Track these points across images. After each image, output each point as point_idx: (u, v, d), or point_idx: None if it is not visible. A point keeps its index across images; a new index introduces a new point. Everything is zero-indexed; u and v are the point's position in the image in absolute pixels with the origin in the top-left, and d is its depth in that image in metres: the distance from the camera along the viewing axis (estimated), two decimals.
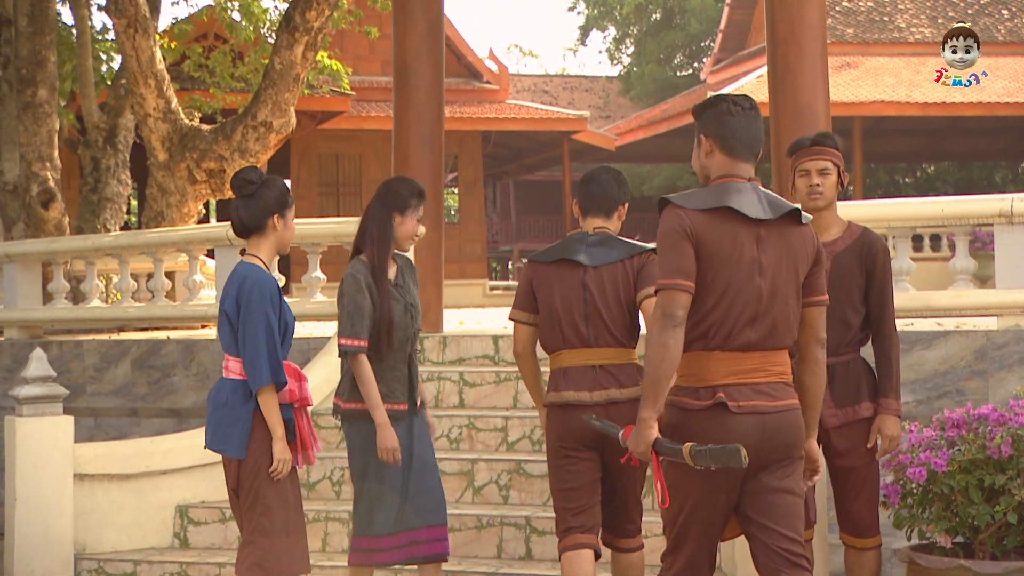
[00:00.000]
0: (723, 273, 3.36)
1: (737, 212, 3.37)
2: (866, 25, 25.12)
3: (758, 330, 3.38)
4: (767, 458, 3.37)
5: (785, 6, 6.65)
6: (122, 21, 9.65)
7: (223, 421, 4.28)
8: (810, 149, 4.60)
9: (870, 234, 4.64)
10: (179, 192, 10.54)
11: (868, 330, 4.61)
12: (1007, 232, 6.05)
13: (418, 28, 7.19)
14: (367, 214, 4.58)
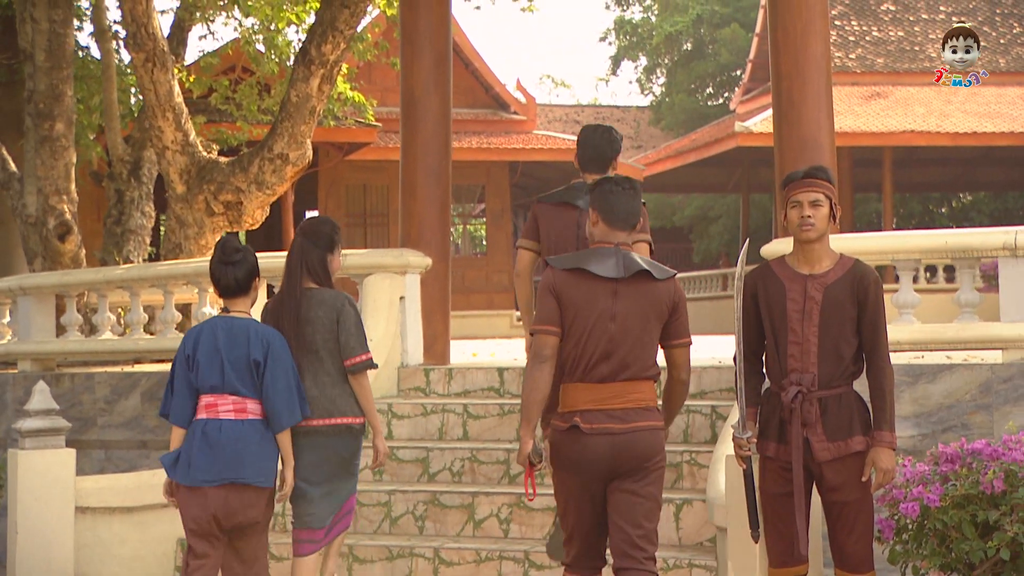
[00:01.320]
0: (579, 319, 4.21)
1: (591, 270, 4.23)
2: (896, 55, 25.07)
3: (611, 365, 4.21)
4: (620, 469, 4.22)
5: (790, 40, 6.68)
6: (140, 55, 9.81)
7: (260, 456, 4.74)
8: (802, 181, 4.62)
9: (862, 266, 4.64)
10: (197, 224, 10.66)
11: (861, 363, 4.60)
12: (1012, 265, 6.03)
13: (425, 61, 7.27)
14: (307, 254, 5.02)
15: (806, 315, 4.51)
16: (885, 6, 26.03)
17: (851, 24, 25.67)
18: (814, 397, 4.46)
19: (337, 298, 4.98)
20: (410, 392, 7.15)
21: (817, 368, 4.48)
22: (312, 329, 4.93)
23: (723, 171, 27.55)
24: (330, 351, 4.94)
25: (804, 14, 6.66)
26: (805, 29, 6.65)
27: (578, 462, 4.22)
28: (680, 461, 6.12)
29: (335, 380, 4.95)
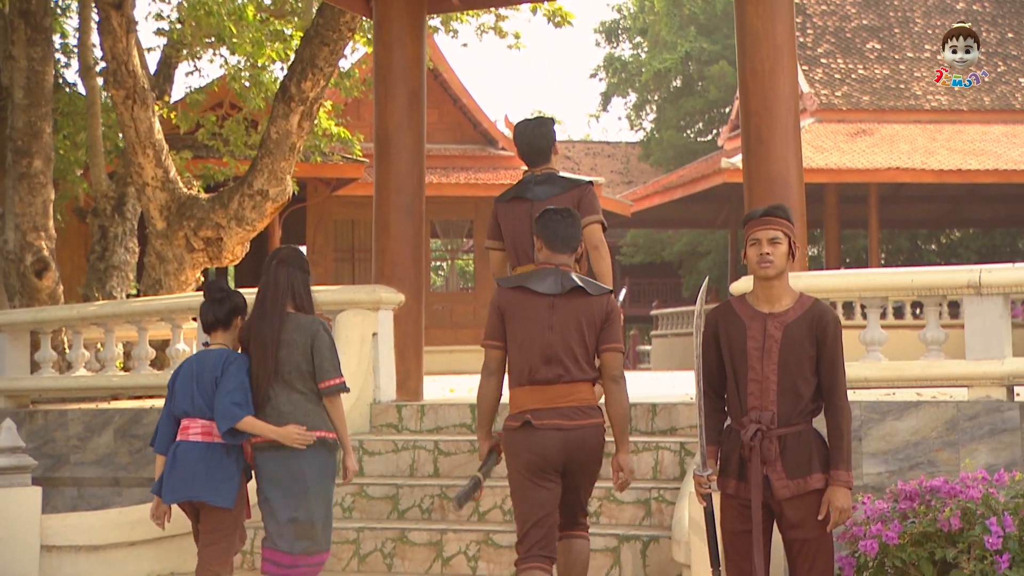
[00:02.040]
0: (522, 330, 4.78)
1: (532, 288, 4.80)
2: (882, 92, 25.26)
3: (552, 370, 4.76)
4: (571, 464, 4.76)
5: (758, 79, 6.75)
6: (121, 92, 9.88)
7: (216, 477, 5.12)
8: (761, 219, 4.66)
9: (820, 305, 4.67)
10: (177, 260, 10.70)
11: (820, 401, 4.62)
12: (976, 303, 6.07)
13: (399, 99, 7.34)
14: (294, 279, 5.21)
15: (766, 353, 4.54)
16: (871, 44, 26.25)
17: (837, 62, 25.88)
18: (773, 435, 4.48)
19: (313, 323, 5.20)
20: (382, 428, 7.16)
21: (776, 406, 4.51)
22: (288, 352, 5.12)
23: (711, 207, 27.65)
24: (303, 373, 5.14)
25: (772, 53, 6.74)
26: (773, 68, 6.72)
27: (532, 456, 4.71)
28: (648, 498, 6.13)
29: (308, 399, 5.15)
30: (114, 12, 9.49)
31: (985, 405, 6.01)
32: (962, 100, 25.10)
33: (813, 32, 26.37)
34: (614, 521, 6.14)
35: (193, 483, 5.10)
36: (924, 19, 26.68)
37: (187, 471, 5.10)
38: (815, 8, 26.83)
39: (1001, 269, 6.09)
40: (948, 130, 24.10)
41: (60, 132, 14.54)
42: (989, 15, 26.64)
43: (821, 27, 26.47)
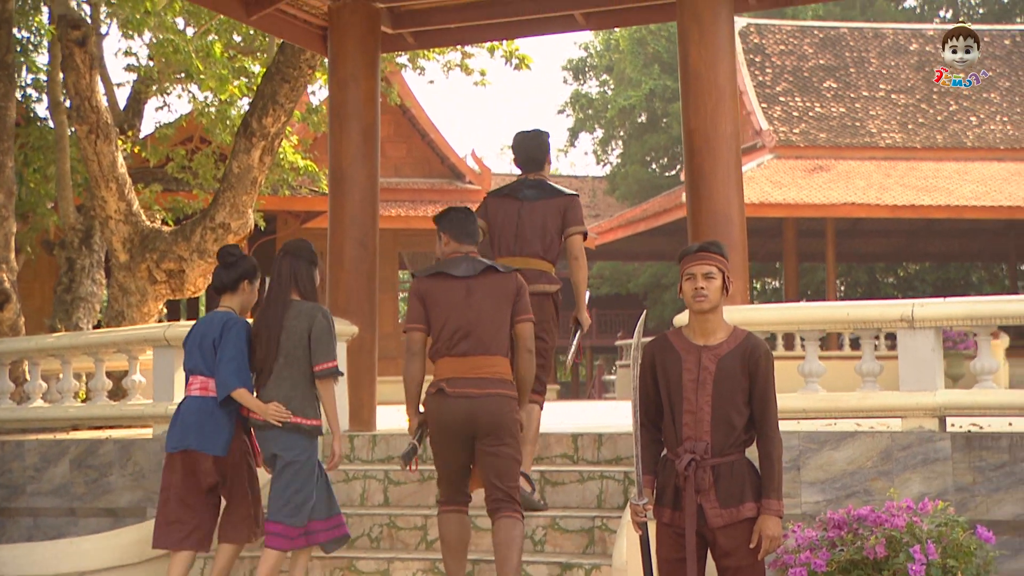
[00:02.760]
0: (442, 310, 5.25)
1: (448, 273, 5.28)
2: (838, 130, 25.55)
3: (469, 343, 5.20)
4: (478, 429, 5.17)
5: (701, 119, 6.82)
6: (84, 127, 9.88)
7: (212, 428, 5.54)
8: (696, 255, 4.71)
9: (753, 338, 4.72)
10: (139, 292, 10.68)
11: (752, 431, 4.66)
12: (909, 336, 6.14)
13: (353, 136, 7.38)
14: (297, 269, 5.56)
15: (700, 385, 4.57)
16: (827, 83, 26.57)
17: (795, 100, 26.17)
18: (707, 465, 4.51)
19: (314, 309, 5.54)
20: None
21: (710, 436, 4.54)
22: (287, 336, 5.45)
23: (674, 240, 27.81)
24: (298, 357, 5.45)
25: (714, 94, 6.82)
26: (715, 109, 6.80)
27: (442, 419, 5.19)
28: (592, 527, 6.15)
29: (295, 383, 5.46)
30: (78, 49, 9.50)
31: (918, 435, 6.08)
32: (915, 138, 25.43)
33: (772, 71, 26.67)
34: (558, 549, 6.15)
35: (188, 434, 5.56)
36: (879, 59, 27.05)
37: (184, 423, 5.59)
38: (774, 48, 27.16)
39: (933, 303, 6.17)
40: (902, 167, 24.40)
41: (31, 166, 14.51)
42: (941, 57, 26.99)
43: (780, 66, 26.78)
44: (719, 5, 6.83)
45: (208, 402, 5.57)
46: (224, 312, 5.64)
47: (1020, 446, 5.90)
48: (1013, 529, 5.85)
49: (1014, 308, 6.06)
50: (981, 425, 6.59)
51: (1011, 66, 26.81)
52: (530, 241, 6.13)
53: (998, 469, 5.92)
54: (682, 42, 6.89)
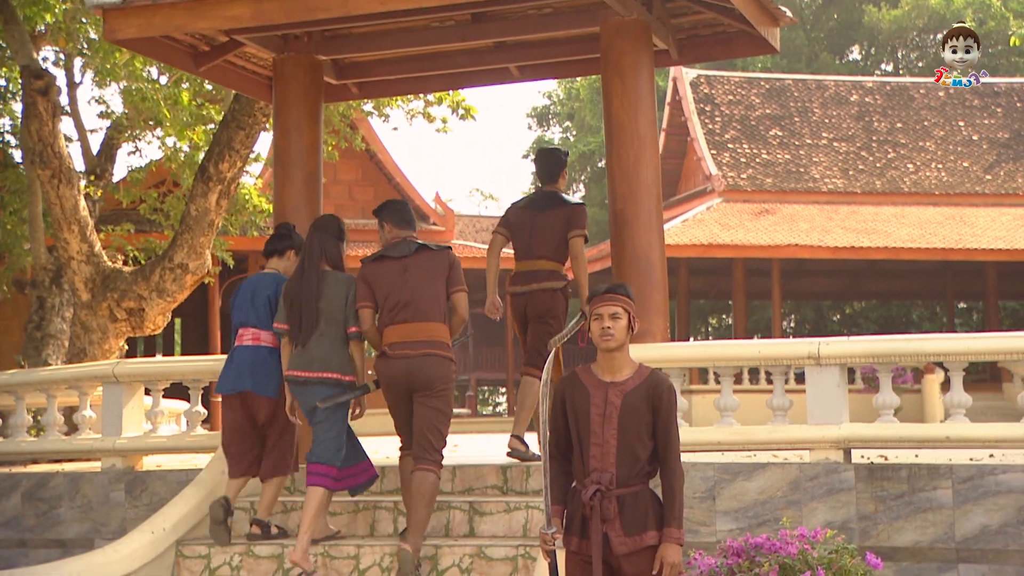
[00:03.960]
0: (383, 287, 5.87)
1: (388, 256, 5.92)
2: (783, 176, 25.84)
3: (408, 312, 5.81)
4: (415, 384, 5.78)
5: (623, 167, 6.89)
6: (47, 172, 9.88)
7: (264, 372, 6.16)
8: (603, 296, 4.77)
9: (657, 375, 4.77)
10: (101, 330, 10.64)
11: (656, 463, 4.71)
12: (816, 373, 6.22)
13: (296, 182, 7.41)
14: (325, 243, 6.10)
15: (606, 419, 4.62)
16: (773, 132, 26.89)
17: (743, 147, 26.46)
18: (612, 495, 4.54)
19: (349, 280, 6.06)
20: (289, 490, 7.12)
21: (615, 468, 4.58)
22: (326, 302, 5.97)
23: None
24: (336, 320, 5.98)
25: (636, 144, 6.89)
26: (637, 158, 6.88)
27: (387, 378, 5.83)
28: (516, 555, 6.15)
29: (333, 343, 5.97)
30: (40, 98, 9.52)
31: (824, 466, 6.14)
32: (856, 183, 25.75)
33: (721, 120, 26.97)
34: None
35: (243, 378, 6.17)
36: (821, 109, 27.41)
37: (239, 369, 6.19)
38: (723, 98, 27.47)
39: (837, 342, 6.26)
40: (843, 210, 24.69)
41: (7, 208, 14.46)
42: (880, 107, 27.42)
43: (728, 115, 27.08)
44: (640, 60, 6.93)
45: (261, 351, 6.20)
46: (274, 273, 6.36)
47: (918, 477, 5.97)
48: (912, 555, 5.92)
49: (910, 347, 6.15)
50: (887, 456, 6.66)
51: (945, 116, 27.23)
52: (541, 245, 6.80)
53: (898, 499, 5.99)
54: (606, 94, 6.98)
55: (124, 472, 7.41)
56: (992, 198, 25.16)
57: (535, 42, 7.75)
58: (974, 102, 27.42)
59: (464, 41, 7.61)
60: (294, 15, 6.55)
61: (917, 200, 25.12)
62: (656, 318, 6.75)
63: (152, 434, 7.49)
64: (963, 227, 23.63)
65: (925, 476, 5.94)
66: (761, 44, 7.52)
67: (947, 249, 22.77)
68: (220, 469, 6.87)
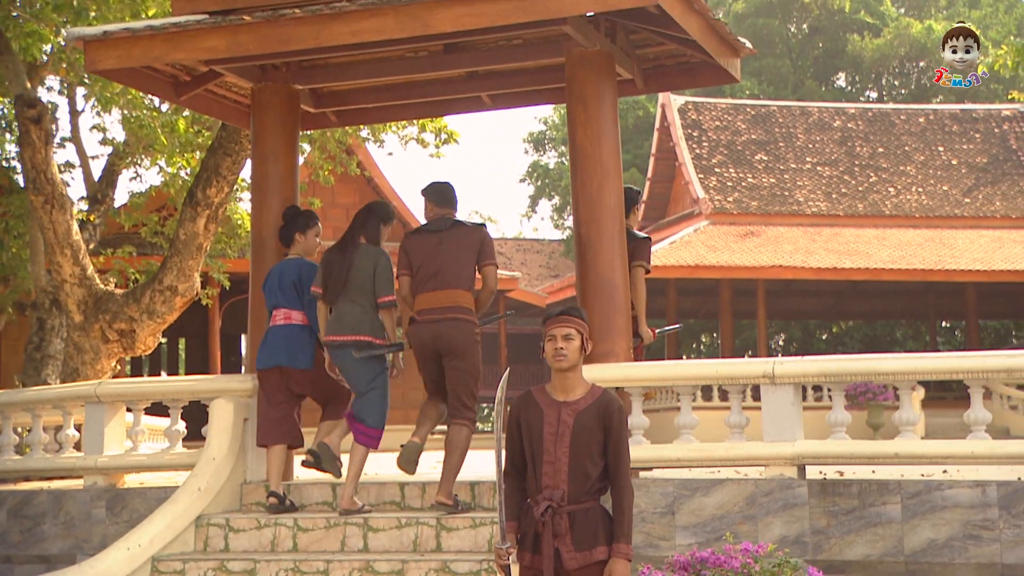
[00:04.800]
0: (418, 256, 6.39)
1: (427, 230, 6.47)
2: (768, 199, 25.88)
3: (435, 282, 6.30)
4: (442, 347, 6.27)
5: (587, 193, 6.90)
6: (40, 198, 9.92)
7: (296, 347, 6.73)
8: (557, 318, 4.78)
9: (608, 394, 4.78)
10: (93, 351, 10.65)
11: (606, 480, 4.72)
12: (771, 391, 6.23)
13: (272, 208, 7.41)
14: (367, 221, 6.66)
15: (559, 438, 4.63)
16: (759, 156, 26.96)
17: (729, 172, 26.52)
18: (564, 511, 4.55)
19: (379, 253, 6.55)
20: (251, 507, 7.12)
21: (567, 485, 4.59)
22: (356, 272, 6.45)
23: None
24: (365, 290, 6.45)
25: (599, 171, 6.91)
26: (600, 184, 6.88)
27: (416, 341, 6.33)
28: (479, 569, 6.15)
29: (364, 310, 6.44)
30: (33, 126, 9.57)
31: (779, 482, 6.14)
32: (839, 206, 25.79)
33: (708, 145, 27.04)
34: None
35: (277, 354, 6.71)
36: (805, 135, 27.48)
37: (273, 346, 6.74)
38: (710, 124, 27.56)
39: (791, 362, 6.27)
40: (826, 232, 24.73)
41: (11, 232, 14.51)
42: (862, 132, 27.50)
43: (715, 140, 27.15)
44: (603, 89, 6.96)
45: (292, 328, 6.74)
46: (296, 259, 6.90)
47: (868, 492, 5.97)
48: (863, 569, 5.91)
49: (862, 366, 6.16)
50: (843, 472, 6.66)
51: (925, 142, 27.29)
52: None
53: (849, 513, 5.98)
54: (570, 122, 7.01)
55: (105, 489, 7.42)
56: (971, 221, 25.19)
57: (506, 72, 7.80)
58: (953, 128, 27.49)
59: (437, 71, 7.65)
60: (268, 47, 6.60)
61: (898, 223, 25.16)
62: (619, 339, 6.75)
63: (132, 452, 7.49)
64: (942, 249, 23.65)
65: (875, 492, 5.94)
66: (723, 74, 7.56)
67: (927, 270, 22.79)
68: (196, 487, 6.88)
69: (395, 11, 6.33)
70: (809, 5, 37.05)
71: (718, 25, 7.03)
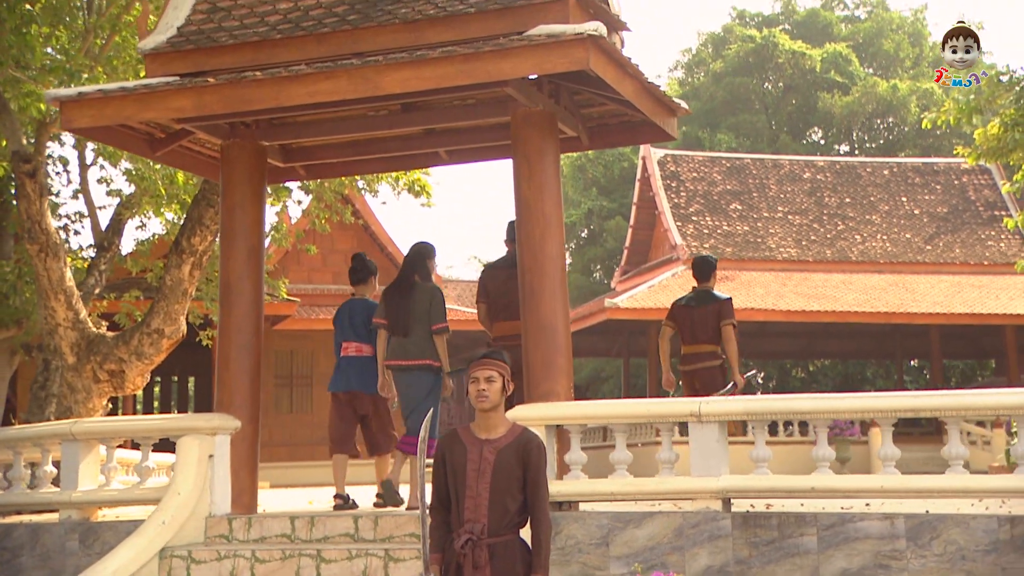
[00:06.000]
0: (493, 289, 7.57)
1: (500, 266, 7.57)
2: (742, 245, 25.94)
3: (507, 312, 7.33)
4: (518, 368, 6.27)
5: (531, 242, 6.91)
6: (35, 247, 9.97)
7: (367, 375, 7.53)
8: (480, 361, 4.81)
9: (528, 433, 4.79)
10: (85, 390, 10.66)
11: (525, 514, 4.72)
12: (698, 429, 6.23)
13: (239, 255, 7.46)
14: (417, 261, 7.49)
15: (480, 474, 4.64)
16: (733, 206, 27.05)
17: (705, 220, 26.60)
18: (484, 544, 4.55)
19: (434, 289, 7.36)
20: (214, 539, 7.11)
21: (487, 519, 4.59)
22: (415, 306, 7.21)
23: (606, 339, 27.99)
24: (422, 320, 7.21)
25: (542, 221, 6.92)
26: (543, 234, 6.91)
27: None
28: None
29: (423, 337, 7.20)
30: (28, 180, 9.66)
31: (705, 515, 6.13)
32: (808, 253, 25.82)
33: (686, 194, 27.15)
34: None
35: (351, 380, 7.55)
36: (777, 185, 27.59)
37: (347, 373, 7.57)
38: (688, 175, 27.69)
39: (716, 401, 6.27)
40: (796, 277, 24.74)
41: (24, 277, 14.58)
42: (831, 183, 27.61)
43: (692, 190, 27.27)
44: (545, 146, 7.01)
45: (364, 360, 7.53)
46: (362, 299, 7.75)
47: (787, 524, 5.95)
48: None
49: (780, 406, 6.18)
50: (771, 504, 6.64)
51: (890, 192, 27.40)
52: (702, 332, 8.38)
53: (769, 544, 5.96)
54: (515, 177, 7.05)
55: (79, 523, 7.40)
56: (932, 267, 25.22)
57: (460, 129, 7.88)
58: (916, 180, 27.61)
59: (396, 128, 7.73)
60: (231, 106, 6.69)
61: (864, 268, 25.18)
62: (560, 379, 6.76)
63: (105, 487, 7.49)
64: (905, 293, 23.66)
65: (793, 523, 5.92)
66: (661, 132, 7.63)
67: (891, 313, 22.78)
68: (161, 520, 6.87)
69: (348, 74, 6.43)
70: (783, 64, 37.36)
71: (653, 87, 7.11)
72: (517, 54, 6.19)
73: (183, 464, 7.06)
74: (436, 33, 6.66)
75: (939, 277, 24.77)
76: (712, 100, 37.38)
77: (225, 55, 6.99)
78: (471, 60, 6.24)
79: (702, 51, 41.15)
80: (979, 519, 5.48)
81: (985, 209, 26.85)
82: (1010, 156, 12.70)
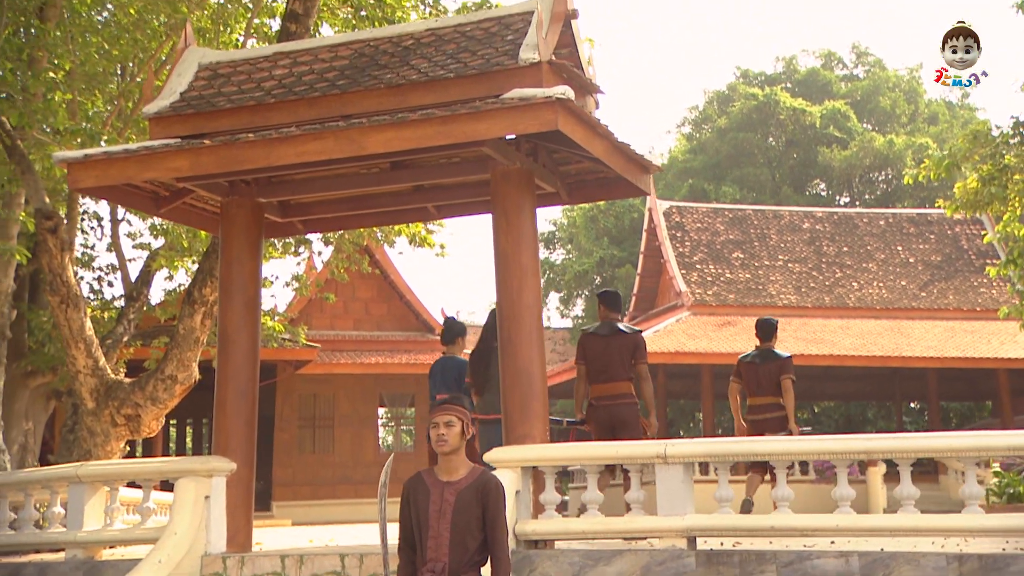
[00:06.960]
0: (591, 354, 7.82)
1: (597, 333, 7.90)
2: (744, 292, 25.85)
3: (605, 375, 7.67)
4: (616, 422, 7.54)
5: (509, 292, 6.94)
6: (56, 298, 10.09)
7: None
8: (440, 407, 4.82)
9: (487, 475, 4.79)
10: (103, 434, 10.71)
11: (485, 553, 4.70)
12: (664, 470, 6.18)
13: (237, 307, 7.52)
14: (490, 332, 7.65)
15: (442, 514, 4.64)
16: (735, 254, 27.00)
17: (709, 268, 26.56)
18: None
19: None
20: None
21: (448, 557, 4.58)
22: (494, 368, 7.43)
23: None
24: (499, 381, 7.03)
25: (519, 272, 6.95)
26: (520, 286, 6.92)
27: (596, 420, 7.66)
28: None
29: (497, 396, 7.09)
30: (50, 236, 9.80)
31: (671, 553, 6.06)
32: (807, 299, 25.69)
33: (690, 244, 27.14)
34: None
35: None
36: (778, 235, 27.54)
37: None
38: (692, 225, 27.70)
39: (681, 443, 6.23)
40: (796, 322, 24.58)
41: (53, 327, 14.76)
42: (828, 232, 27.53)
43: (696, 240, 27.26)
44: (522, 202, 7.06)
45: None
46: (451, 357, 8.17)
47: (748, 561, 5.87)
48: None
49: (741, 448, 6.12)
50: (740, 543, 6.56)
51: (885, 241, 27.28)
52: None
53: None
54: (494, 230, 7.09)
55: (84, 562, 7.40)
56: (926, 312, 25.01)
57: (446, 185, 7.95)
58: (910, 229, 27.49)
59: (386, 185, 7.82)
60: (225, 166, 6.80)
61: (861, 314, 25.01)
62: (535, 422, 6.74)
63: (108, 528, 7.50)
64: (900, 337, 23.45)
65: (754, 561, 5.84)
66: (635, 188, 7.66)
67: (886, 356, 22.58)
68: (158, 559, 6.87)
69: (335, 135, 6.52)
70: (785, 121, 37.46)
71: (623, 146, 7.16)
72: (491, 116, 6.27)
73: (180, 505, 7.07)
74: (419, 97, 6.77)
75: (933, 323, 24.55)
76: (717, 154, 37.49)
77: (223, 118, 7.12)
78: (449, 122, 6.32)
79: (708, 108, 41.36)
80: (929, 556, 5.39)
81: (977, 258, 26.66)
82: (987, 208, 12.64)
